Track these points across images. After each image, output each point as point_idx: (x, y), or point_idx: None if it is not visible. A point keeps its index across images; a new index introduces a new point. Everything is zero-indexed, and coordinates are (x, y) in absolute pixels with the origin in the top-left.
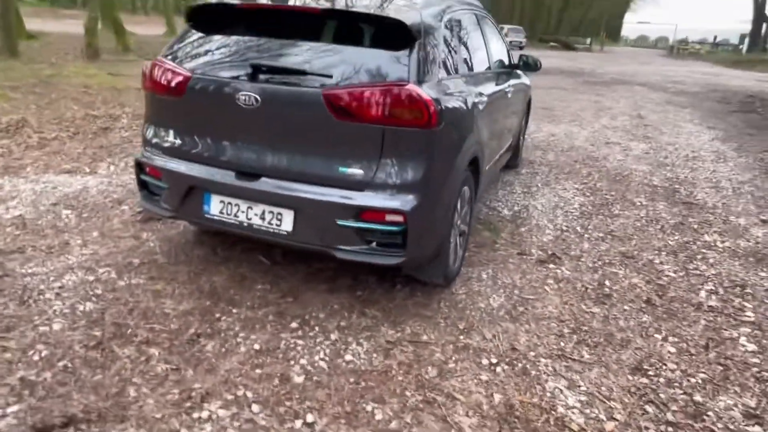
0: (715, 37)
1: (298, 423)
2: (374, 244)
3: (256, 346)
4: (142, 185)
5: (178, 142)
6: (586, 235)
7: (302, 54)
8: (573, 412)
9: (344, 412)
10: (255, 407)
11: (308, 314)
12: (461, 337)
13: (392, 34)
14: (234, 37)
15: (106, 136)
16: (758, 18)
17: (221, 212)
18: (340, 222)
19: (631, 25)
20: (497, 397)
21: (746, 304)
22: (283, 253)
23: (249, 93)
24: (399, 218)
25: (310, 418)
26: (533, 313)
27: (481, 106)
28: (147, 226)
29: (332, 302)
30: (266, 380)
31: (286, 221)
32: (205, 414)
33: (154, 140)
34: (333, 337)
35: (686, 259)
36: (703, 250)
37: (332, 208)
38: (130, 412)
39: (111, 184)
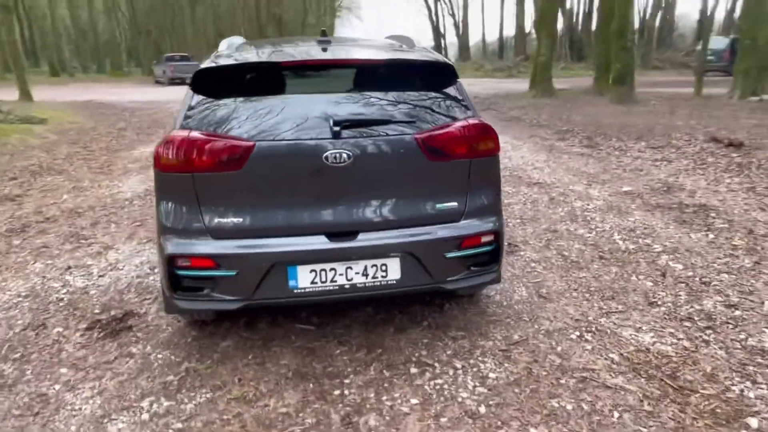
0: None
1: None
2: (472, 267)
3: (414, 401)
4: (176, 284)
5: (238, 219)
6: (528, 230)
7: (369, 104)
8: (657, 345)
9: (544, 416)
10: None
11: (413, 356)
12: (535, 326)
13: (441, 75)
14: (279, 97)
15: None
16: (436, 35)
17: (313, 282)
18: (448, 255)
19: None
20: (612, 356)
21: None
22: (317, 314)
23: (338, 150)
24: (491, 237)
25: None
26: (554, 290)
27: None
28: (120, 339)
29: (416, 339)
30: (461, 424)
31: (393, 270)
32: None
33: (193, 225)
34: (457, 365)
35: (621, 221)
36: (591, 215)
37: (441, 244)
38: None
39: None
